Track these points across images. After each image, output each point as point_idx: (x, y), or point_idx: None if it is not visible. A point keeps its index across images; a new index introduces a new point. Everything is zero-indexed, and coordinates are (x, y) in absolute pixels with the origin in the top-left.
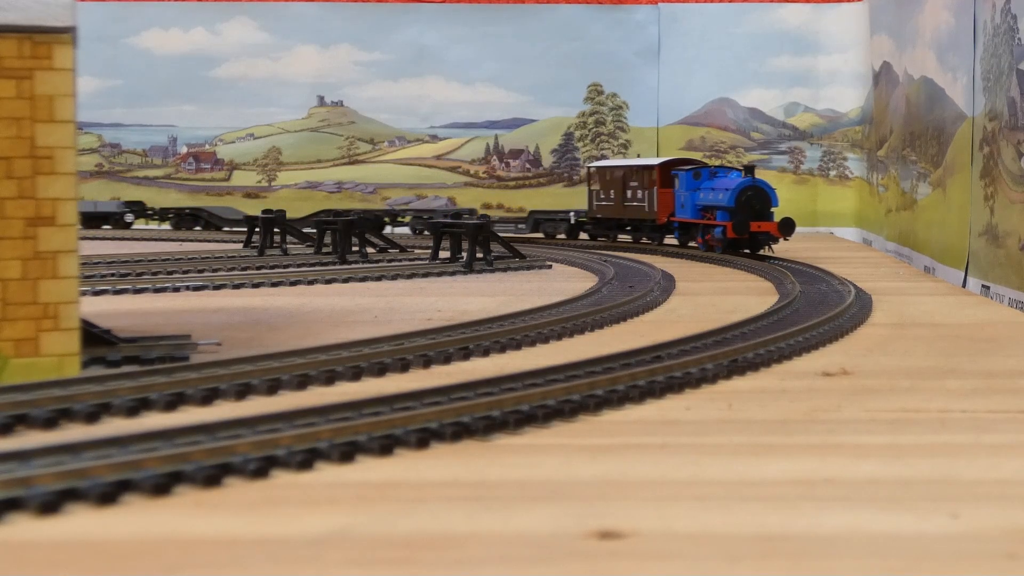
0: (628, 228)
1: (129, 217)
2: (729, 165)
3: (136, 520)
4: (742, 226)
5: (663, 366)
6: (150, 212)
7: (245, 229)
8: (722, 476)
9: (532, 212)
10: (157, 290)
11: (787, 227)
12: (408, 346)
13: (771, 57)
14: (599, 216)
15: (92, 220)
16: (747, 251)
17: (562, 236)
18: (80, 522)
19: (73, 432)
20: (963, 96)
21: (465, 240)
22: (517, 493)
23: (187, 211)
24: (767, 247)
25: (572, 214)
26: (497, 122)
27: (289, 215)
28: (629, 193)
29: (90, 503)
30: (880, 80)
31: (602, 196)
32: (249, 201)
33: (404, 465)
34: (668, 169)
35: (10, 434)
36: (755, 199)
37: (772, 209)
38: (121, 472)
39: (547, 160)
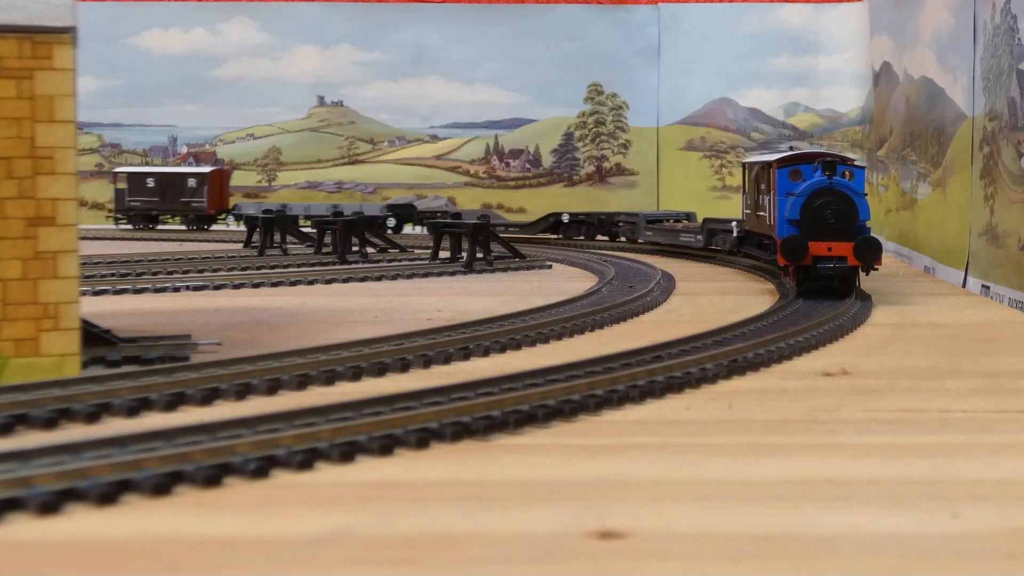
0: (756, 246)
1: (391, 222)
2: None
3: (136, 520)
4: (795, 249)
5: (663, 366)
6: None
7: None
8: (722, 476)
9: (706, 221)
10: (157, 290)
11: (867, 250)
12: (408, 346)
13: (771, 57)
14: (746, 230)
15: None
16: (835, 284)
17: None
18: (80, 522)
19: (73, 432)
20: (963, 96)
21: (465, 240)
22: (517, 493)
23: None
24: (846, 279)
25: (734, 224)
26: (497, 122)
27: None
28: (759, 200)
29: (90, 503)
30: (880, 80)
31: (747, 204)
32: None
33: (404, 465)
34: (784, 166)
35: (10, 434)
36: (829, 207)
37: (862, 223)
38: (121, 472)
39: (547, 160)
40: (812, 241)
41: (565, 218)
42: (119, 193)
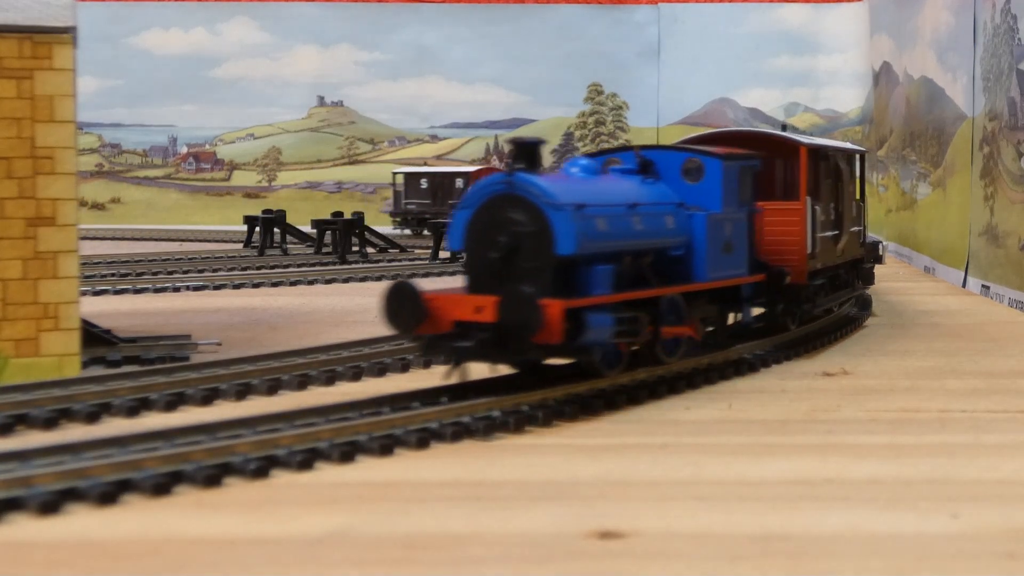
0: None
1: None
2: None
3: (136, 520)
4: (399, 306)
5: (663, 366)
6: None
7: None
8: (722, 476)
9: None
10: (157, 290)
11: (515, 313)
12: (408, 346)
13: (771, 57)
14: None
15: None
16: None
17: None
18: (80, 522)
19: (73, 432)
20: (963, 96)
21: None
22: (517, 493)
23: None
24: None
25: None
26: (497, 122)
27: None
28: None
29: (90, 503)
30: (880, 80)
31: None
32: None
33: (404, 465)
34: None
35: (10, 434)
36: (498, 232)
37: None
38: (121, 472)
39: (547, 160)
40: (457, 294)
41: None
42: (396, 195)
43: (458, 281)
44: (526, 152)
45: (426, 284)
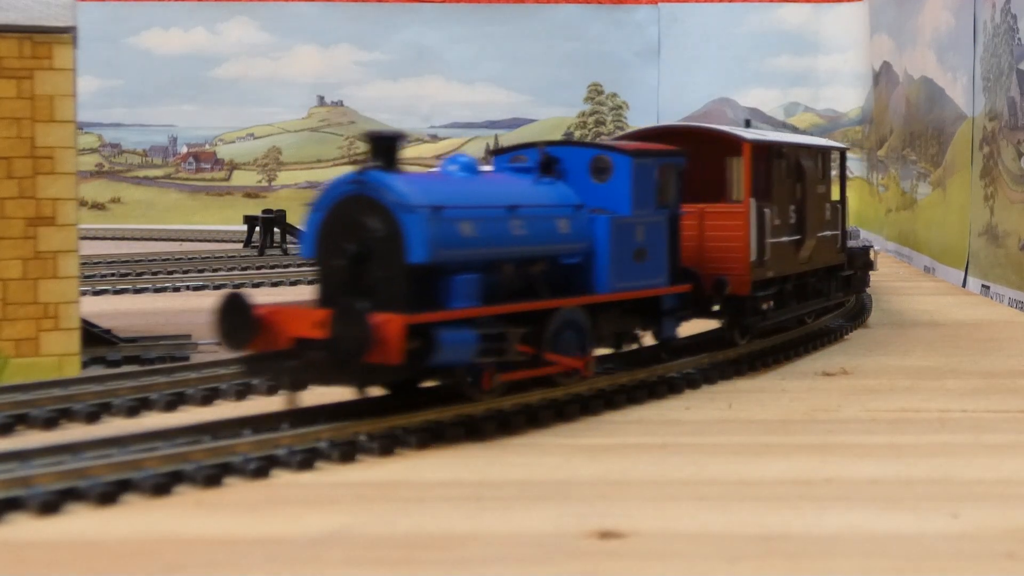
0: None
1: None
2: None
3: (136, 520)
4: (231, 321)
5: (663, 366)
6: None
7: None
8: (722, 476)
9: None
10: (157, 290)
11: (344, 332)
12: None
13: (771, 57)
14: None
15: None
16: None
17: None
18: (80, 522)
19: (73, 432)
20: (963, 96)
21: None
22: (517, 493)
23: None
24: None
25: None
26: (497, 122)
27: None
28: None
29: (90, 503)
30: (880, 80)
31: None
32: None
33: (404, 465)
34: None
35: (10, 434)
36: (344, 236)
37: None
38: (121, 472)
39: None
40: (299, 307)
41: None
42: None
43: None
44: (383, 148)
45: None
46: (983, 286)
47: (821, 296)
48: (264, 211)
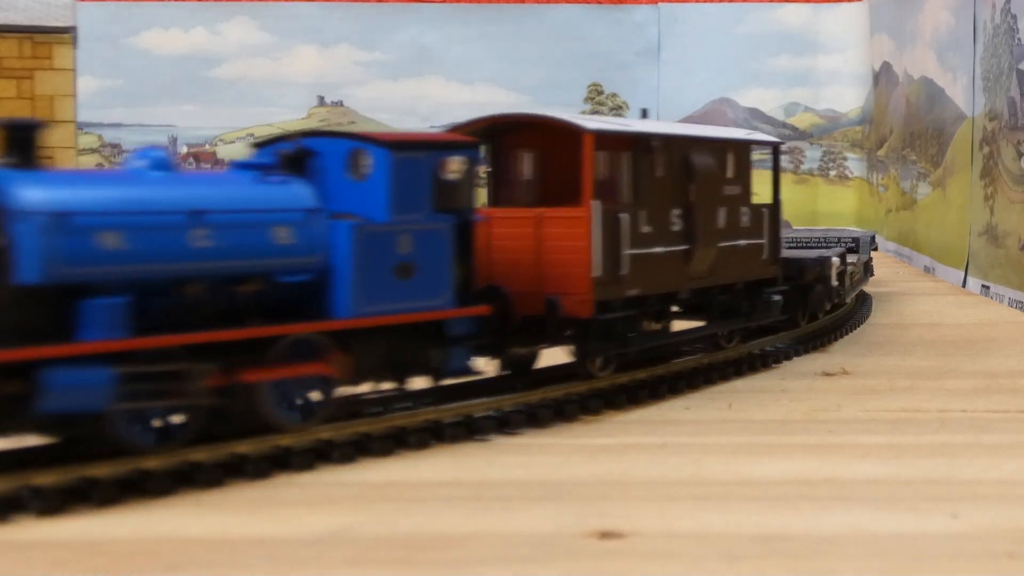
0: None
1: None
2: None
3: (136, 520)
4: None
5: (664, 366)
6: None
7: None
8: (722, 476)
9: None
10: None
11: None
12: None
13: (771, 57)
14: None
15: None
16: None
17: None
18: (80, 522)
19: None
20: (963, 96)
21: None
22: (517, 493)
23: None
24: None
25: None
26: None
27: None
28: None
29: (90, 503)
30: (880, 80)
31: None
32: None
33: (404, 465)
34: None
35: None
36: None
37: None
38: (121, 472)
39: None
40: None
41: None
42: None
43: None
44: (17, 139)
45: None
46: (983, 286)
47: (739, 316)
48: None
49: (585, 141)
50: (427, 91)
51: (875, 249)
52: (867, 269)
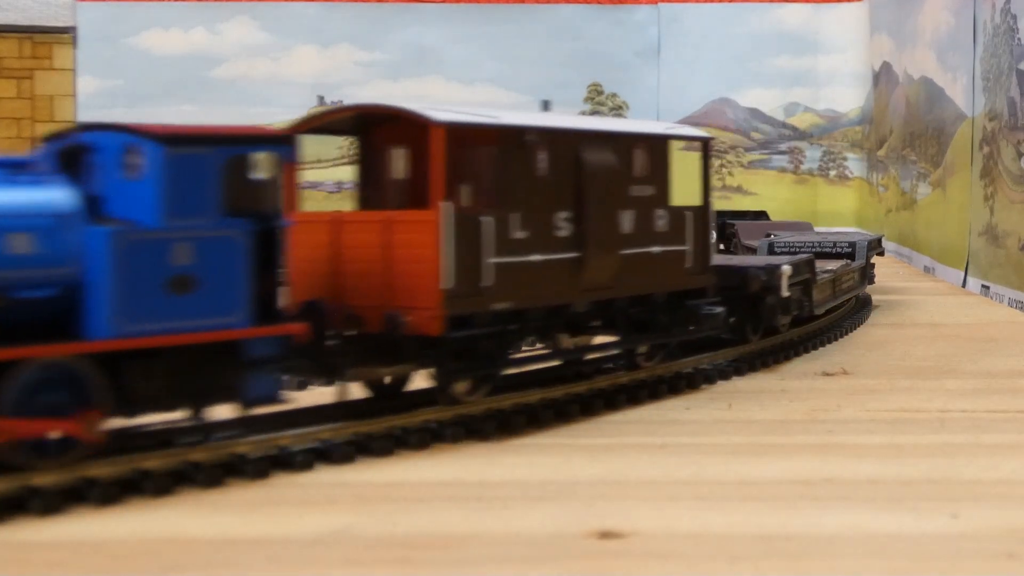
0: None
1: None
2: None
3: (136, 520)
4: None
5: (664, 366)
6: None
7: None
8: (722, 476)
9: None
10: None
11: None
12: None
13: (771, 57)
14: None
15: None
16: None
17: None
18: (80, 522)
19: None
20: (963, 96)
21: None
22: (517, 493)
23: None
24: None
25: None
26: None
27: None
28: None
29: (90, 503)
30: (880, 80)
31: None
32: None
33: (404, 465)
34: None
35: None
36: None
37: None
38: (121, 472)
39: None
40: None
41: None
42: None
43: None
44: None
45: None
46: (983, 286)
47: (655, 331)
48: None
49: (434, 135)
50: (427, 91)
51: (881, 254)
52: (864, 275)
